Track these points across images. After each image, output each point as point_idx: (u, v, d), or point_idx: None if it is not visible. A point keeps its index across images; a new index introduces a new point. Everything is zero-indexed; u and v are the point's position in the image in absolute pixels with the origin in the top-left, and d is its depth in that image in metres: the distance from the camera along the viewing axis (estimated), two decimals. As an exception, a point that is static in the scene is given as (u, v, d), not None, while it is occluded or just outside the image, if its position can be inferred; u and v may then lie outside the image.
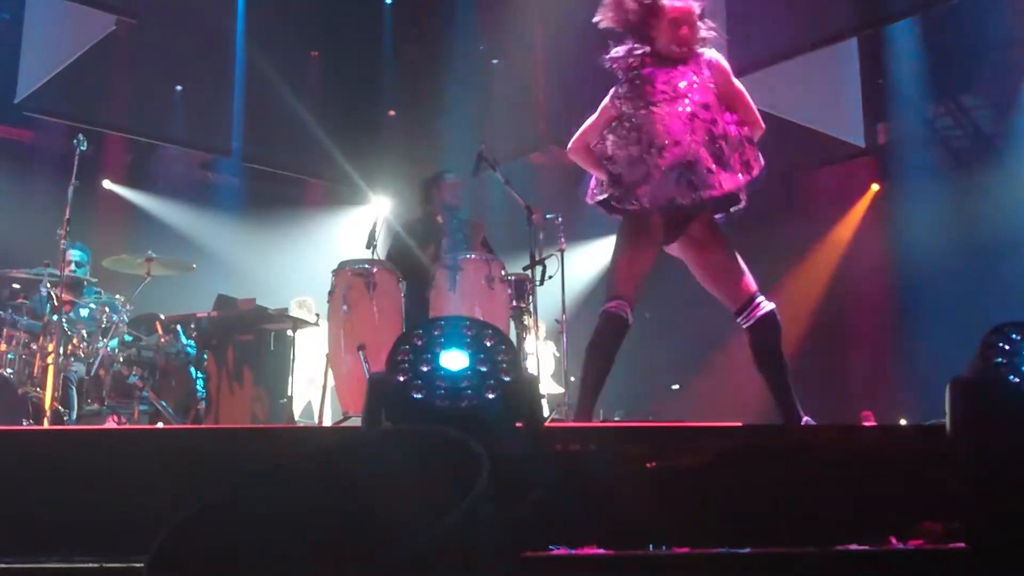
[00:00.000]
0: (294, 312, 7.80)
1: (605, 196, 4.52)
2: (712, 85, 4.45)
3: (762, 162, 4.41)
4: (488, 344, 2.89)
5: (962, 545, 2.87)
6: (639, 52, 4.54)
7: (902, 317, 10.55)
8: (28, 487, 3.28)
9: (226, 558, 1.86)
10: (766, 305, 4.41)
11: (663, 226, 4.49)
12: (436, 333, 2.91)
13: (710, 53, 4.55)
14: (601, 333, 4.49)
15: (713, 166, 4.30)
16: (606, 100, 4.63)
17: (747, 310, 4.42)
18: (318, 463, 2.03)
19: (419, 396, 2.78)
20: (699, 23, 4.53)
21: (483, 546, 1.69)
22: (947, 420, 3.00)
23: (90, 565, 2.69)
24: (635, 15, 4.52)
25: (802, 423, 4.32)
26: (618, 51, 4.58)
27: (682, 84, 4.42)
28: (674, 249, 4.62)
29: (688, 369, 11.16)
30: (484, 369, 2.84)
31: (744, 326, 4.45)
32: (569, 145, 4.76)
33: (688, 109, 4.36)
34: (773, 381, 4.43)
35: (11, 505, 3.19)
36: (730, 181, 4.33)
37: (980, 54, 10.20)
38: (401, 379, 2.81)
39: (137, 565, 2.35)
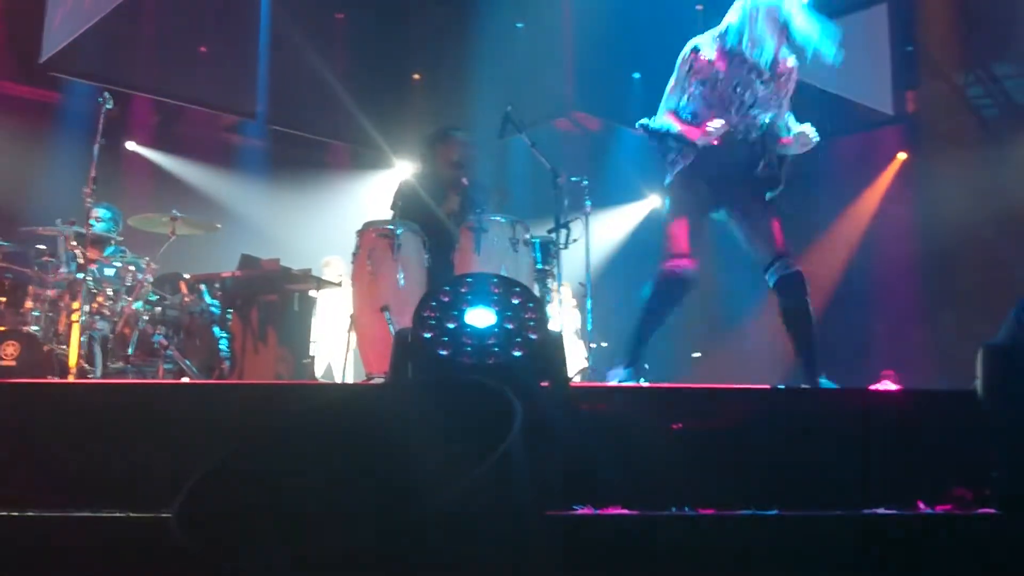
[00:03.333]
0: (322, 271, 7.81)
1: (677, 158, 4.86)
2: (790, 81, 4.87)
3: None
4: (515, 302, 2.88)
5: (993, 510, 2.85)
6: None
7: (929, 285, 10.48)
8: (57, 440, 3.30)
9: (252, 506, 1.85)
10: (792, 266, 4.62)
11: (710, 190, 4.76)
12: (463, 290, 2.90)
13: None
14: (655, 294, 4.70)
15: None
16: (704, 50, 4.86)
17: (771, 268, 4.67)
18: (344, 414, 2.02)
19: (445, 353, 2.77)
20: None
21: (513, 498, 1.68)
22: (979, 385, 2.96)
23: (116, 515, 2.70)
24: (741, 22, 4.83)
25: (816, 381, 4.39)
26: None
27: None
28: (720, 213, 4.87)
29: (708, 338, 11.13)
30: (511, 327, 2.83)
31: (769, 284, 4.68)
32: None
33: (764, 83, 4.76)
34: (795, 338, 4.66)
35: (41, 457, 3.22)
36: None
37: (1012, 22, 10.05)
38: (428, 336, 2.80)
39: (164, 515, 2.36)
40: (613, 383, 4.59)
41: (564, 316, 7.03)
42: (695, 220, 4.78)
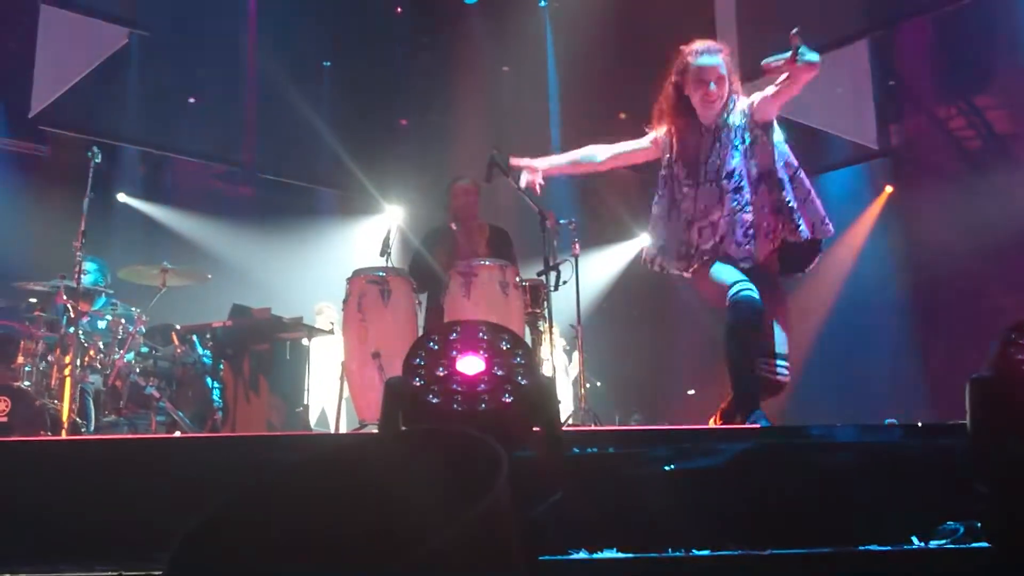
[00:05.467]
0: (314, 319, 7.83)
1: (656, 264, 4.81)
2: (750, 132, 4.58)
3: (829, 227, 4.60)
4: (504, 348, 2.88)
5: (985, 544, 2.85)
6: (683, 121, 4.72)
7: (918, 318, 10.50)
8: (48, 497, 3.28)
9: (243, 562, 1.86)
10: (783, 375, 4.52)
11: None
12: (452, 338, 2.90)
13: (742, 102, 4.67)
14: (737, 320, 4.39)
15: (747, 235, 4.49)
16: (653, 138, 4.84)
17: (767, 362, 4.52)
18: (334, 465, 2.02)
19: (435, 401, 2.77)
20: (725, 79, 4.61)
21: (500, 548, 1.69)
22: (967, 419, 2.98)
23: (109, 573, 2.69)
24: (675, 85, 4.70)
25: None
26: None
27: (724, 156, 4.58)
28: None
29: (703, 375, 11.13)
30: (500, 373, 2.83)
31: (762, 372, 4.50)
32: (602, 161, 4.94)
33: (726, 184, 4.53)
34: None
35: (32, 515, 3.20)
36: (765, 248, 4.53)
37: (993, 54, 10.15)
38: (417, 384, 2.80)
39: (155, 573, 2.35)
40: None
41: (556, 358, 7.03)
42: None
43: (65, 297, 6.42)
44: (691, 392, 11.11)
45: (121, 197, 10.78)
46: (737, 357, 4.40)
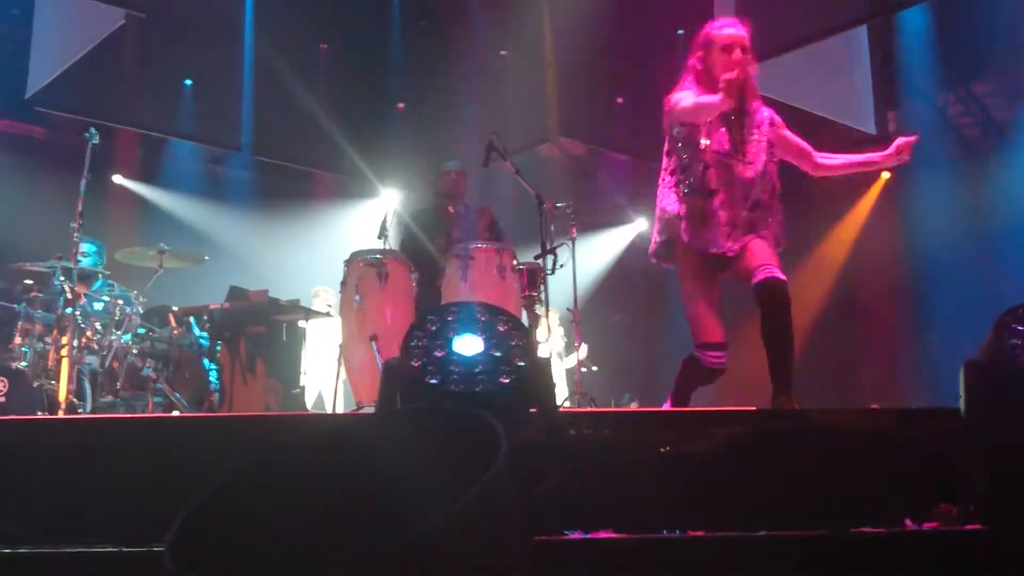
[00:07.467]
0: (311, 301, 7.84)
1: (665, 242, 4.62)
2: (770, 142, 4.64)
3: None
4: (502, 329, 2.89)
5: (978, 527, 2.87)
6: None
7: (914, 305, 10.52)
8: (48, 475, 3.30)
9: (245, 538, 1.87)
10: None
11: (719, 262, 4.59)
12: (450, 319, 2.91)
13: (767, 111, 4.69)
14: (688, 374, 4.70)
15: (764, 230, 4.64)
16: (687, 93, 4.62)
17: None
18: (333, 444, 2.03)
19: (434, 382, 2.78)
20: (749, 50, 4.59)
21: (500, 525, 1.70)
22: (961, 402, 2.99)
23: (109, 550, 2.70)
24: (699, 60, 4.64)
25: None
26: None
27: (751, 140, 4.59)
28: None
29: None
30: (498, 354, 2.84)
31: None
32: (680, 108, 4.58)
33: (758, 167, 4.58)
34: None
35: (32, 493, 3.22)
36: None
37: (991, 41, 10.14)
38: (415, 365, 2.81)
39: (156, 549, 2.37)
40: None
41: (552, 342, 7.04)
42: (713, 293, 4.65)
43: (62, 278, 6.40)
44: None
45: (117, 179, 10.77)
46: (680, 386, 4.73)
